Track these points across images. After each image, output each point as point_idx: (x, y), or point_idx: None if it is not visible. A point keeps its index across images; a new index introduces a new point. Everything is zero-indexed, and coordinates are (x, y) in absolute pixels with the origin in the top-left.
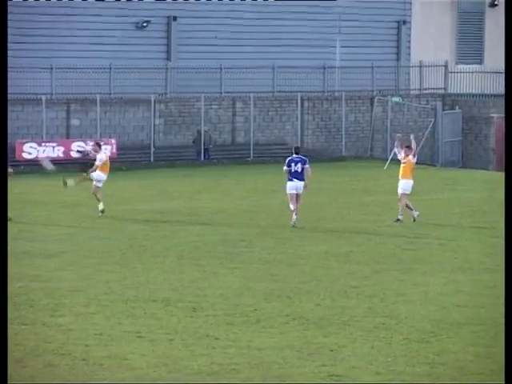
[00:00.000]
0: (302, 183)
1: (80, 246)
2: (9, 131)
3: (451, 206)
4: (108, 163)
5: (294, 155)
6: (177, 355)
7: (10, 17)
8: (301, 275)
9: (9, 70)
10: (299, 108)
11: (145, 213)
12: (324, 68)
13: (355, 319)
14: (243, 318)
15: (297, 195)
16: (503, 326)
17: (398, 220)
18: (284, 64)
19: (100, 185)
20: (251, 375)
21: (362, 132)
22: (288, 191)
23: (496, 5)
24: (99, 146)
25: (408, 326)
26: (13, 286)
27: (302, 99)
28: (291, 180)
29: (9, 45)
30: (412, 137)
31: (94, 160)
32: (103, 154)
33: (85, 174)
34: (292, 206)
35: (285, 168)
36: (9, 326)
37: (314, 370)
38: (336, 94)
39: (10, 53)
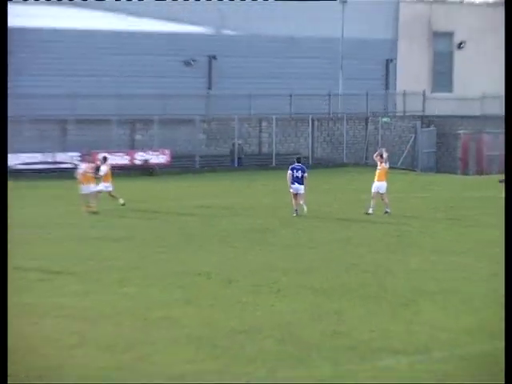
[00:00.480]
0: (301, 186)
1: (139, 233)
2: (87, 145)
3: (428, 202)
4: (109, 174)
5: (296, 163)
6: (216, 317)
7: (82, 51)
8: (312, 255)
9: (86, 96)
10: (310, 126)
11: (192, 207)
12: (329, 95)
13: (354, 289)
14: (267, 288)
15: (297, 194)
16: (469, 295)
17: (387, 212)
18: (299, 92)
19: (110, 188)
20: (273, 333)
21: (358, 145)
22: (291, 191)
23: (462, 47)
24: (105, 159)
25: (393, 294)
26: (86, 264)
27: (313, 120)
28: (293, 183)
29: (86, 78)
30: (384, 149)
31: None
32: (105, 167)
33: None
34: (294, 202)
35: (289, 173)
36: (86, 296)
37: (322, 329)
38: (339, 115)
39: (88, 83)
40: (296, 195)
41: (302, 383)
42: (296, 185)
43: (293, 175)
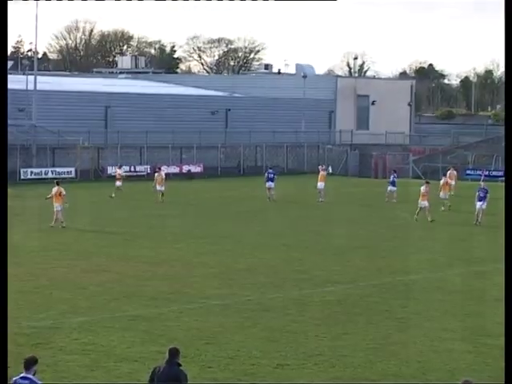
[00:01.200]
0: (273, 183)
1: (163, 228)
2: (152, 164)
3: (354, 195)
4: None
5: (269, 170)
6: (230, 261)
7: (157, 108)
8: (280, 225)
9: (155, 132)
10: (285, 150)
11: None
12: (296, 132)
13: (311, 246)
14: (252, 246)
15: (270, 189)
16: (375, 249)
17: (321, 201)
18: (278, 130)
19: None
20: (262, 271)
21: (313, 161)
22: (266, 186)
23: (374, 104)
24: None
25: (333, 247)
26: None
27: (287, 146)
28: (267, 182)
29: (157, 122)
30: (325, 165)
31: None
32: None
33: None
34: (268, 193)
35: (266, 175)
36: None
37: (291, 268)
38: (302, 144)
39: (158, 124)
40: (269, 189)
41: (282, 302)
42: (270, 183)
43: (267, 176)
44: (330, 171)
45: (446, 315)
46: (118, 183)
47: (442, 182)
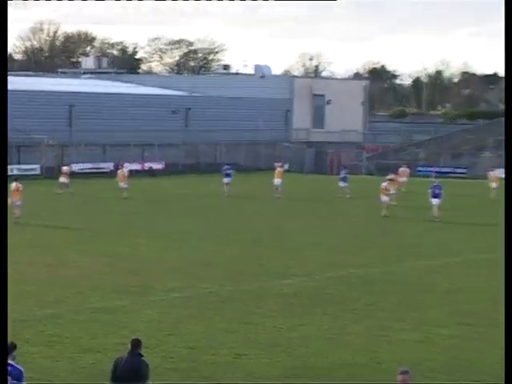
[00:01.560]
0: (229, 179)
1: (125, 223)
2: (115, 161)
3: (310, 191)
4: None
5: (227, 166)
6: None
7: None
8: (239, 223)
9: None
10: (244, 148)
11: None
12: (253, 130)
13: (267, 238)
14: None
15: (227, 184)
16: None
17: (278, 197)
18: (237, 128)
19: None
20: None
21: (270, 158)
22: (224, 181)
23: (329, 103)
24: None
25: (291, 242)
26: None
27: (245, 144)
28: (225, 177)
29: (121, 121)
30: (279, 164)
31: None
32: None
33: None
34: (226, 188)
35: (223, 171)
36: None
37: (251, 262)
38: (259, 141)
39: (122, 124)
40: (226, 185)
41: (241, 294)
42: (227, 178)
43: (225, 173)
44: (287, 168)
45: (398, 307)
46: (63, 179)
47: (388, 177)
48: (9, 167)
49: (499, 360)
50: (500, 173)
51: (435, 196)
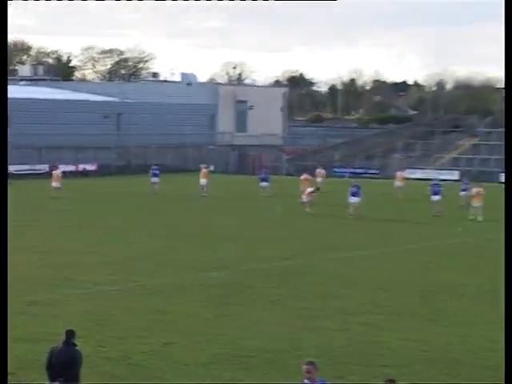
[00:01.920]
0: (157, 179)
1: (57, 221)
2: (50, 163)
3: (233, 191)
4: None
5: (154, 166)
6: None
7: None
8: (165, 219)
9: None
10: (172, 150)
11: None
12: (180, 134)
13: (195, 233)
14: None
15: (155, 183)
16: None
17: (204, 196)
18: (164, 132)
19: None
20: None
21: (197, 159)
22: (152, 180)
23: (251, 108)
24: None
25: (215, 234)
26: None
27: (173, 147)
28: (152, 177)
29: (57, 125)
30: (205, 165)
31: None
32: None
33: None
34: (154, 187)
35: (151, 171)
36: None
37: (178, 257)
38: (186, 144)
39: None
40: (154, 184)
41: (168, 286)
42: (154, 178)
43: (152, 173)
44: (212, 169)
45: (313, 297)
46: None
47: (302, 177)
48: None
49: (405, 346)
50: (408, 173)
51: (353, 195)
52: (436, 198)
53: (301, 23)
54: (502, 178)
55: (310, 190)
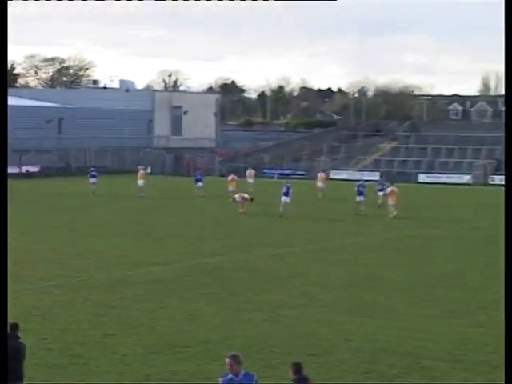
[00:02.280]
0: (95, 179)
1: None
2: None
3: (169, 191)
4: None
5: (92, 168)
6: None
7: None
8: (110, 217)
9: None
10: (111, 154)
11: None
12: (119, 137)
13: (144, 232)
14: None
15: (93, 184)
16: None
17: (142, 196)
18: (100, 136)
19: None
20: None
21: (133, 162)
22: (90, 181)
23: (186, 113)
24: None
25: (157, 231)
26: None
27: (111, 149)
28: (90, 178)
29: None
30: (142, 167)
31: None
32: None
33: None
34: (93, 187)
35: (89, 173)
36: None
37: (120, 255)
38: (124, 147)
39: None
40: (93, 184)
41: (108, 281)
42: (92, 179)
43: (90, 174)
44: (149, 171)
45: (246, 290)
46: None
47: (229, 178)
48: None
49: (332, 336)
50: (333, 174)
51: (285, 194)
52: (360, 198)
53: (233, 33)
54: (420, 178)
55: (245, 196)
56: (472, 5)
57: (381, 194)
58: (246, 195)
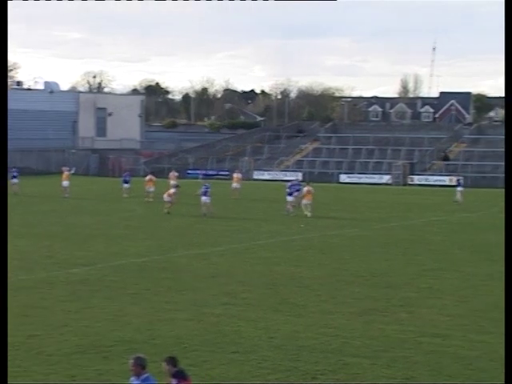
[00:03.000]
0: (17, 180)
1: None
2: None
3: (94, 191)
4: None
5: (13, 169)
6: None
7: None
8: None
9: None
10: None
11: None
12: (50, 138)
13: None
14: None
15: (14, 185)
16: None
17: (67, 197)
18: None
19: None
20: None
21: (59, 163)
22: (11, 183)
23: (110, 115)
24: None
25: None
26: None
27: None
28: (13, 178)
29: None
30: (67, 168)
31: None
32: None
33: None
34: (14, 189)
35: (10, 174)
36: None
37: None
38: (50, 149)
39: None
40: (14, 185)
41: (33, 282)
42: (14, 179)
43: (12, 175)
44: (74, 172)
45: (170, 290)
46: None
47: (146, 178)
48: None
49: (255, 334)
50: (256, 175)
51: (204, 194)
52: (290, 198)
53: (158, 35)
54: (341, 178)
55: (171, 191)
56: (392, 8)
57: (297, 194)
58: (171, 190)
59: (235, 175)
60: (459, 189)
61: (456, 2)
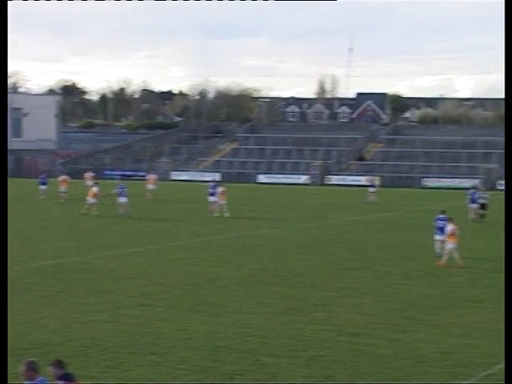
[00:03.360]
0: (45, 187)
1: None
2: None
3: (10, 193)
4: None
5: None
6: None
7: None
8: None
9: None
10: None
11: None
12: None
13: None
14: None
15: (45, 187)
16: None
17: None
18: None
19: None
20: None
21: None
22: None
23: (26, 115)
24: None
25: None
26: None
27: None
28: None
29: None
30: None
31: None
32: None
33: None
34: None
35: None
36: None
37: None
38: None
39: None
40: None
41: None
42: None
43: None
44: None
45: (88, 292)
46: None
47: (60, 179)
48: None
49: (173, 335)
50: (174, 175)
51: (120, 194)
52: (212, 198)
53: (74, 34)
54: (259, 178)
55: (95, 189)
56: (310, 10)
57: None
58: (93, 189)
59: (150, 176)
60: (371, 190)
61: (373, 3)
